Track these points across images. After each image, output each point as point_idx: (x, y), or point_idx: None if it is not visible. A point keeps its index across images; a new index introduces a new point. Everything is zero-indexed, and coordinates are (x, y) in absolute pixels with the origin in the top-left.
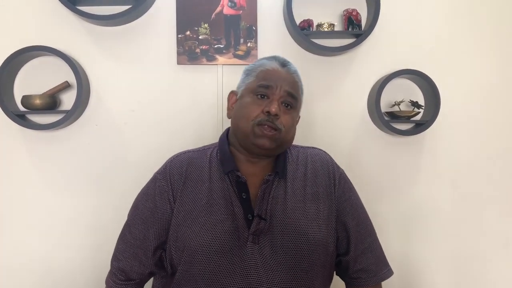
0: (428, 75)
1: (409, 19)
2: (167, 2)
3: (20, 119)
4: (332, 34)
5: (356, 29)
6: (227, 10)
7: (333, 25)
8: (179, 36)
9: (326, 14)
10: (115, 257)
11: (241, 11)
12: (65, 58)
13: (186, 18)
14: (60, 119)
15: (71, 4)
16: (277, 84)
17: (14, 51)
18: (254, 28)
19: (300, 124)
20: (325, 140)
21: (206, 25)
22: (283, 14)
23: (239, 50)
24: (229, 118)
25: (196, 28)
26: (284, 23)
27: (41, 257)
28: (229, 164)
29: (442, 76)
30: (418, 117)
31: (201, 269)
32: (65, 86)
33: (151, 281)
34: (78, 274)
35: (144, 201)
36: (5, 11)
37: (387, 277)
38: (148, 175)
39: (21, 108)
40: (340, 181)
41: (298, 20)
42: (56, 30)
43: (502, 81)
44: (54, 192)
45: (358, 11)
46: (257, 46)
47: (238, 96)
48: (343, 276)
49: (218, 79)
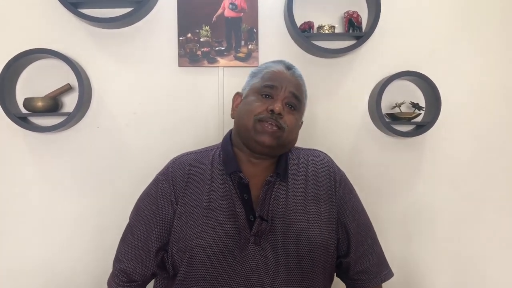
0: (429, 76)
1: (410, 21)
2: (169, 5)
3: (22, 121)
4: (332, 36)
5: (356, 31)
6: (228, 13)
7: (333, 27)
8: (181, 38)
9: (327, 16)
10: (117, 259)
11: (242, 14)
12: (67, 61)
13: (188, 21)
14: (62, 121)
15: (73, 7)
16: (282, 85)
17: (16, 53)
18: (255, 30)
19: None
20: (326, 142)
21: (207, 28)
22: (284, 16)
23: (240, 52)
24: (232, 118)
25: (198, 31)
26: (285, 25)
27: (43, 259)
28: (232, 165)
29: (443, 77)
30: (419, 119)
31: (202, 270)
32: (67, 88)
33: (152, 282)
34: (80, 276)
35: (146, 202)
36: (7, 13)
37: (388, 279)
38: (150, 177)
39: (23, 111)
40: (341, 183)
41: (299, 22)
42: (58, 32)
43: (503, 83)
44: (56, 194)
45: (358, 13)
46: (258, 48)
47: (243, 97)
48: (344, 277)
49: (219, 81)
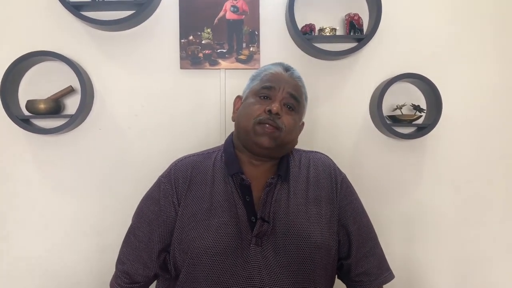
0: (430, 78)
1: (411, 23)
2: (170, 7)
3: (24, 123)
4: (334, 38)
5: (358, 34)
6: (230, 15)
7: (335, 29)
8: (182, 41)
9: (328, 19)
10: (119, 260)
11: (243, 16)
12: (69, 63)
13: (189, 23)
14: (64, 124)
15: (75, 9)
16: (279, 86)
17: (19, 56)
18: (256, 32)
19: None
20: (327, 144)
21: (209, 30)
22: (285, 19)
23: (241, 54)
24: (233, 121)
25: (199, 33)
26: (286, 27)
27: (45, 261)
28: (234, 167)
29: (444, 79)
30: (420, 121)
31: (204, 271)
32: (69, 90)
33: (154, 283)
34: (82, 277)
35: (148, 204)
36: (10, 16)
37: (389, 281)
38: (152, 179)
39: (26, 113)
40: (342, 185)
41: (300, 25)
42: (60, 35)
43: (504, 85)
44: (58, 196)
45: (360, 15)
46: (259, 51)
47: (243, 100)
48: (345, 279)
49: (221, 83)
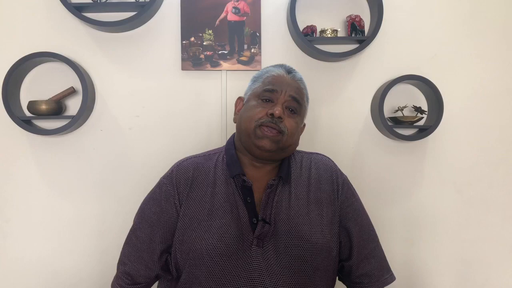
0: (431, 80)
1: (412, 25)
2: (172, 9)
3: (26, 124)
4: (335, 40)
5: (359, 35)
6: (231, 17)
7: (336, 31)
8: (184, 42)
9: (330, 20)
10: (121, 261)
11: (245, 18)
12: (70, 64)
13: (191, 25)
14: (65, 125)
15: (77, 10)
16: (282, 89)
17: (21, 57)
18: (258, 34)
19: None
20: (329, 145)
21: (210, 31)
22: (287, 20)
23: (243, 56)
24: (235, 122)
25: (201, 34)
26: (287, 29)
27: (46, 262)
28: (236, 168)
29: (445, 81)
30: (421, 122)
31: (206, 272)
32: (71, 91)
33: (155, 284)
34: (83, 278)
35: (150, 205)
36: (11, 17)
37: (389, 283)
38: (153, 180)
39: (27, 114)
40: (343, 187)
41: (301, 26)
42: (62, 36)
43: (505, 86)
44: (59, 197)
45: (361, 17)
46: (260, 52)
47: (244, 101)
48: (346, 281)
49: (222, 84)
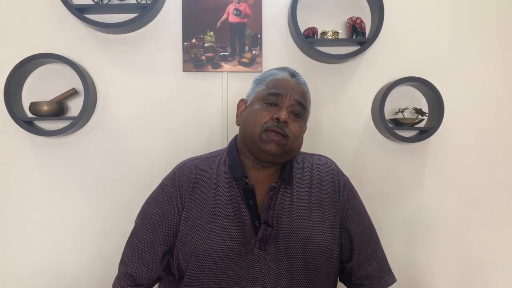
0: (432, 82)
1: (413, 27)
2: (174, 10)
3: (28, 125)
4: (336, 42)
5: (360, 37)
6: (233, 18)
7: (337, 33)
8: (185, 43)
9: (331, 22)
10: (122, 262)
11: (246, 19)
12: (72, 65)
13: (192, 26)
14: (67, 126)
15: (79, 12)
16: (287, 93)
17: (23, 58)
18: (259, 36)
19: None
20: (330, 147)
21: (211, 33)
22: (288, 22)
23: (244, 57)
24: (238, 125)
25: (202, 36)
26: (288, 31)
27: (48, 263)
28: (238, 171)
29: (446, 83)
30: (422, 124)
31: (209, 274)
32: (73, 93)
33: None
34: (84, 279)
35: (152, 207)
36: (13, 19)
37: (390, 284)
38: (154, 181)
39: (29, 115)
40: (345, 189)
41: (302, 28)
42: (64, 37)
43: (506, 88)
44: (61, 198)
45: (362, 19)
46: (262, 54)
47: (248, 104)
48: (347, 282)
49: (223, 86)
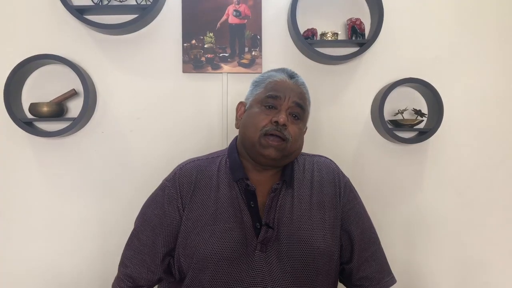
0: (431, 83)
1: (413, 28)
2: (173, 12)
3: (27, 126)
4: (335, 43)
5: (359, 38)
6: (232, 19)
7: (336, 34)
8: (185, 44)
9: (330, 23)
10: (122, 263)
11: (246, 20)
12: (72, 66)
13: (192, 27)
14: (67, 127)
15: (79, 13)
16: (285, 95)
17: (23, 59)
18: (258, 37)
19: None
20: (329, 148)
21: (211, 34)
22: (287, 23)
23: (243, 58)
24: (237, 128)
25: (202, 37)
26: (288, 32)
27: (47, 263)
28: (239, 172)
29: (445, 84)
30: (421, 125)
31: (210, 276)
32: (72, 94)
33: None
34: (84, 280)
35: (152, 208)
36: (13, 19)
37: (390, 285)
38: (154, 182)
39: (29, 116)
40: (345, 190)
41: (302, 29)
42: (64, 38)
43: (505, 89)
44: (60, 199)
45: (361, 20)
46: (261, 55)
47: (247, 107)
48: (347, 283)
49: (223, 87)
